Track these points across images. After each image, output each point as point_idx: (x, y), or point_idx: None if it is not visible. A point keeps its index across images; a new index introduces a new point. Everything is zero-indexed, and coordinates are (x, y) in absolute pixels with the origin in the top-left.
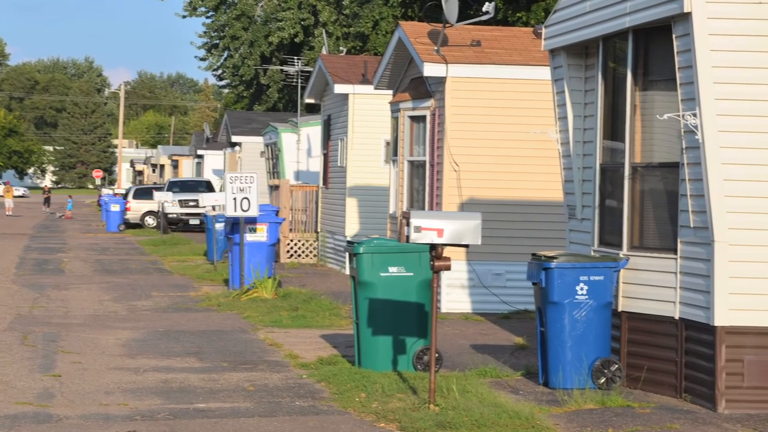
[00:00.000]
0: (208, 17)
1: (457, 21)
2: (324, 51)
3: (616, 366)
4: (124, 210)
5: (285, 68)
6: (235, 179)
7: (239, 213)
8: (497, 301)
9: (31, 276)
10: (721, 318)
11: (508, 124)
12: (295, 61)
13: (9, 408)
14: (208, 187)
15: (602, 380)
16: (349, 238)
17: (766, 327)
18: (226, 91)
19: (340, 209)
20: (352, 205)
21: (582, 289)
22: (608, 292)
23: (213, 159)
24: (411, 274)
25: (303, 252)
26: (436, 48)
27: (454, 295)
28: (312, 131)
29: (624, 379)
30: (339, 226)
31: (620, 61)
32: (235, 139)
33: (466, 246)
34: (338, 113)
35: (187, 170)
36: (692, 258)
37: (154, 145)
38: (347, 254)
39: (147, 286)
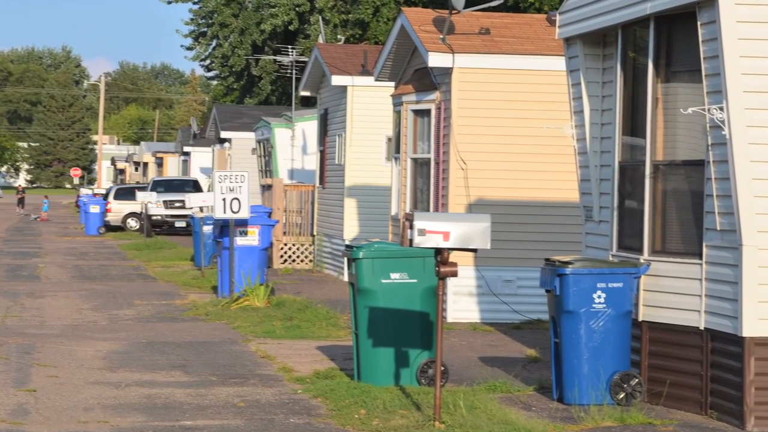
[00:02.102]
0: (195, 3)
1: (465, 7)
2: (320, 39)
3: (637, 380)
4: (105, 211)
5: (278, 58)
6: (225, 178)
7: (229, 215)
8: (508, 310)
9: (3, 283)
10: (750, 328)
11: (519, 119)
12: (290, 50)
13: None
14: (195, 186)
15: (621, 395)
16: (347, 242)
17: None
18: (214, 83)
19: (337, 211)
20: (350, 206)
21: (599, 297)
22: (628, 300)
23: (200, 156)
24: (414, 280)
25: (298, 257)
26: (441, 36)
27: (461, 304)
28: (307, 126)
29: (645, 394)
30: (337, 229)
31: (641, 50)
32: (224, 134)
33: (474, 250)
34: (336, 107)
35: (172, 168)
36: (718, 263)
37: (136, 142)
38: (345, 259)
39: (129, 294)
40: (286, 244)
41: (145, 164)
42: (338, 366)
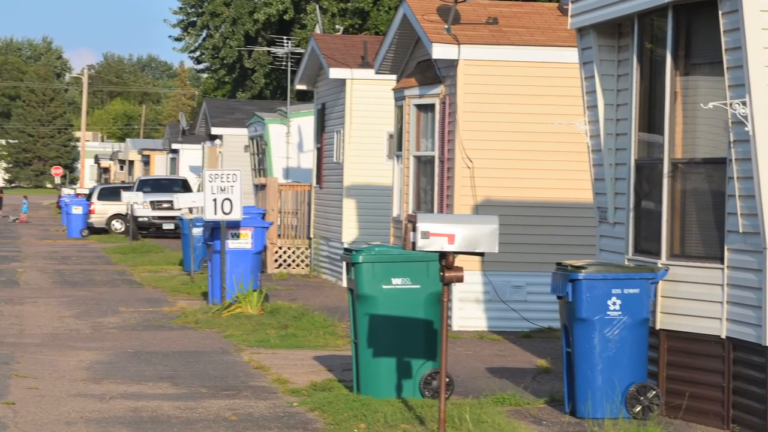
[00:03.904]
0: None
1: None
2: (317, 30)
3: (654, 392)
4: (88, 213)
5: (273, 50)
6: (216, 177)
7: (220, 216)
8: (517, 318)
9: None
10: None
11: (529, 114)
12: (285, 41)
13: None
14: (184, 186)
15: (637, 409)
16: (346, 245)
17: None
18: (204, 76)
19: (336, 212)
20: (349, 207)
21: (614, 303)
22: (644, 307)
23: (190, 154)
24: (417, 286)
25: (293, 261)
26: (446, 26)
27: (468, 311)
28: (304, 122)
29: (662, 407)
30: (335, 232)
31: (658, 41)
32: (215, 131)
33: (481, 254)
34: (334, 101)
35: (159, 167)
36: (741, 268)
37: (122, 138)
38: (344, 263)
39: (114, 301)
40: (280, 248)
41: (131, 162)
42: (336, 377)
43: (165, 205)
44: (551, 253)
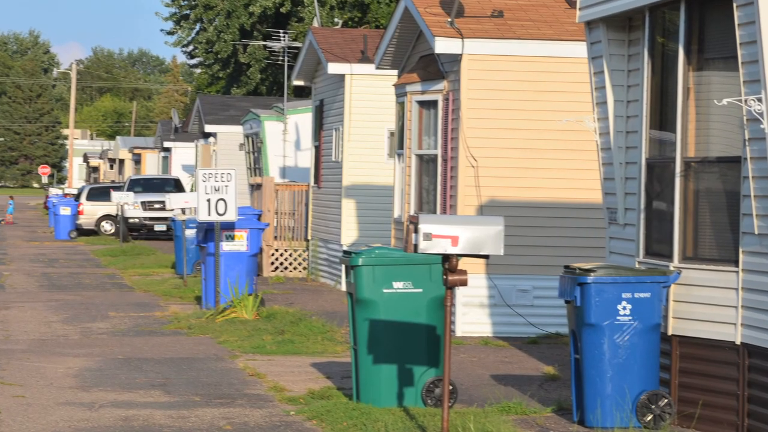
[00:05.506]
0: None
1: None
2: (315, 23)
3: (666, 400)
4: (76, 214)
5: (269, 44)
6: (209, 177)
7: (214, 217)
8: (523, 323)
9: None
10: None
11: (536, 111)
12: (281, 35)
13: None
14: (177, 186)
15: (649, 417)
16: (345, 248)
17: None
18: (198, 71)
19: (334, 213)
20: (349, 208)
21: (624, 308)
22: (656, 312)
23: (182, 152)
24: (419, 290)
25: (290, 264)
26: (449, 20)
27: (472, 316)
28: (301, 119)
29: (675, 416)
30: (333, 233)
31: (671, 35)
32: (209, 128)
33: (486, 257)
34: (332, 98)
35: (151, 166)
36: (757, 271)
37: (112, 136)
38: (343, 267)
39: (104, 305)
40: (277, 250)
41: (121, 161)
42: (335, 385)
43: (157, 206)
44: (559, 255)
